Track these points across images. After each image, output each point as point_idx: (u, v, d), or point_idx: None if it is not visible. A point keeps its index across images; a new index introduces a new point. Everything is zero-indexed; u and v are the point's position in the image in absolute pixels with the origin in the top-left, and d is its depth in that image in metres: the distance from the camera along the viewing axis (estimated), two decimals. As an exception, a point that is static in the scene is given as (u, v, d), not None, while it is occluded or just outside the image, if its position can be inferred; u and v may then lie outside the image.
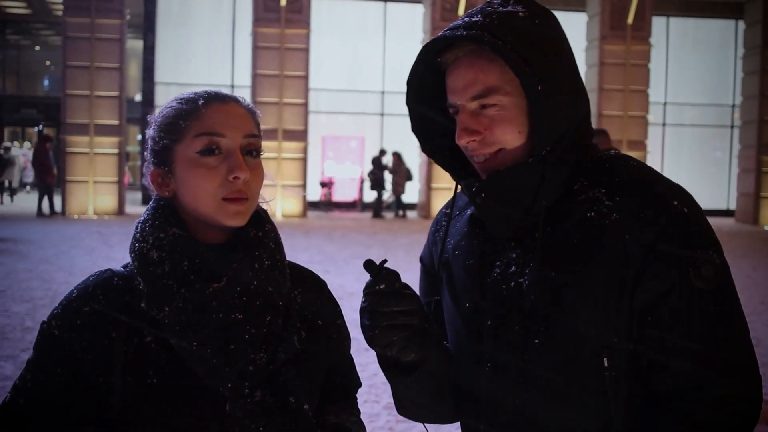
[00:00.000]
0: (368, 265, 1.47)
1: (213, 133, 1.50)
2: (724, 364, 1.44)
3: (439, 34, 1.56)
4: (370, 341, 1.51)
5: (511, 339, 1.53)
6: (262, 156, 1.57)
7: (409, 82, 1.63)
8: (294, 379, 1.52)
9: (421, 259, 1.84)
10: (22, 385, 1.51)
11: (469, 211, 1.68)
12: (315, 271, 1.76)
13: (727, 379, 1.43)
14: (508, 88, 1.51)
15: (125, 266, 1.57)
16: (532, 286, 1.50)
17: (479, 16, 1.53)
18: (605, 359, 1.47)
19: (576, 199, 1.52)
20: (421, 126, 1.67)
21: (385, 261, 1.51)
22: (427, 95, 1.64)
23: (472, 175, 1.62)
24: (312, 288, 1.68)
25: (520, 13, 1.52)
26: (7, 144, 29.35)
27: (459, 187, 1.65)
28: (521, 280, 1.52)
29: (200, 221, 1.53)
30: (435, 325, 1.66)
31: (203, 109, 1.52)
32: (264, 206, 1.63)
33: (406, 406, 1.71)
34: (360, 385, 1.78)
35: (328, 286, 1.73)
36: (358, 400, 1.77)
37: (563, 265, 1.49)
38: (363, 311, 1.50)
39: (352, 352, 1.78)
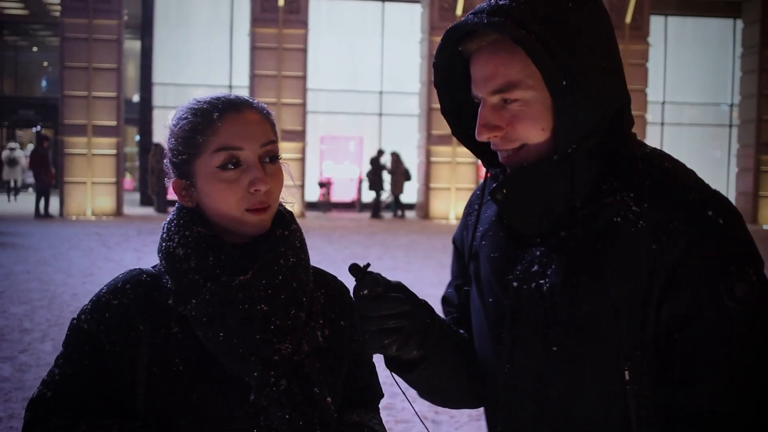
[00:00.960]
0: (353, 269, 1.44)
1: (231, 147, 1.51)
2: (750, 392, 1.35)
3: (462, 18, 1.46)
4: (364, 346, 1.48)
5: (530, 344, 1.47)
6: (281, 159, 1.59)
7: (435, 66, 1.54)
8: (317, 371, 1.54)
9: (454, 241, 1.75)
10: (50, 380, 1.55)
11: None
12: None
13: (752, 408, 1.35)
14: (530, 81, 1.40)
15: (154, 266, 1.61)
16: (552, 290, 1.44)
17: (505, 0, 1.41)
18: (626, 372, 1.39)
19: (603, 201, 1.43)
20: (450, 109, 1.57)
21: (368, 265, 1.46)
22: (457, 78, 1.55)
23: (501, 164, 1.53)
24: (335, 290, 1.71)
25: None
26: (12, 145, 29.51)
27: (487, 174, 1.58)
28: (542, 281, 1.45)
29: (222, 227, 1.56)
30: (448, 304, 1.63)
31: (219, 122, 1.53)
32: (288, 207, 1.65)
33: (423, 394, 1.67)
34: (382, 395, 1.78)
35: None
36: (380, 411, 1.77)
37: (586, 272, 1.41)
38: (355, 316, 1.47)
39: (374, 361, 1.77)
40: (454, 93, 1.56)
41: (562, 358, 1.44)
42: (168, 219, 1.60)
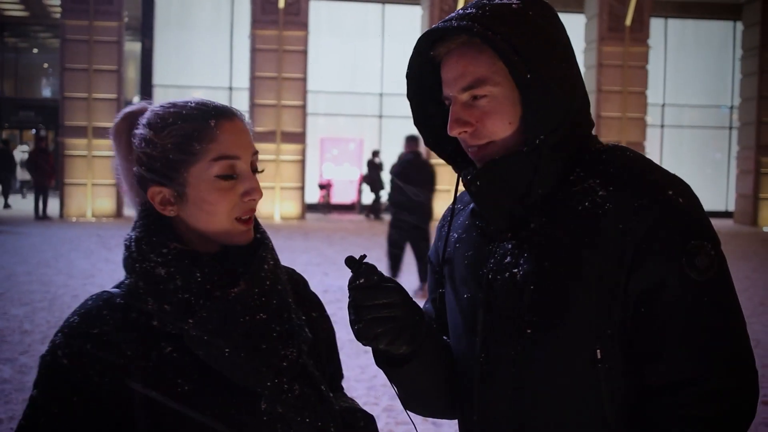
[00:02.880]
0: (349, 261, 1.49)
1: (230, 157, 1.51)
2: (718, 357, 1.43)
3: (432, 26, 1.58)
4: (357, 335, 1.50)
5: (505, 330, 1.54)
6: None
7: (408, 76, 1.64)
8: (315, 368, 1.56)
9: (429, 258, 1.84)
10: (33, 425, 1.43)
11: (472, 205, 1.70)
12: (315, 274, 1.78)
13: (721, 373, 1.43)
14: (498, 78, 1.52)
15: (118, 286, 1.54)
16: (525, 277, 1.51)
17: (472, 8, 1.54)
18: (598, 351, 1.47)
19: (571, 190, 1.53)
20: (422, 120, 1.68)
21: (364, 256, 1.51)
22: (428, 88, 1.66)
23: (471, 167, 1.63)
24: (298, 284, 1.71)
25: (513, 5, 1.53)
26: (24, 147, 29.63)
27: (461, 181, 1.66)
28: (515, 270, 1.53)
29: (200, 236, 1.53)
30: (428, 317, 1.66)
31: (216, 130, 1.51)
32: None
33: (409, 402, 1.71)
34: (343, 376, 1.81)
35: (329, 289, 1.75)
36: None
37: (557, 256, 1.49)
38: (348, 307, 1.51)
39: (352, 354, 1.78)
40: (425, 105, 1.67)
41: (537, 341, 1.51)
42: (133, 235, 1.52)
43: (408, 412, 1.74)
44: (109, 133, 1.64)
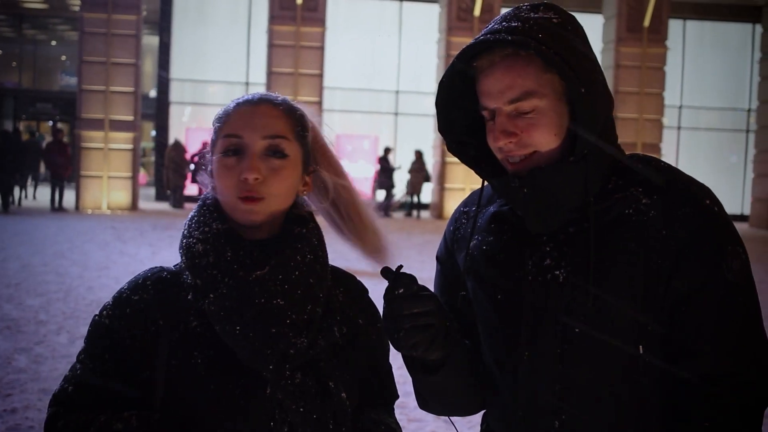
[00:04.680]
0: (385, 271, 1.52)
1: (232, 135, 1.58)
2: (750, 352, 1.56)
3: (477, 37, 1.60)
4: (396, 344, 1.54)
5: (549, 330, 1.60)
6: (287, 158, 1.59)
7: (441, 84, 1.67)
8: (333, 366, 1.58)
9: (438, 258, 1.88)
10: (72, 375, 1.59)
11: (492, 209, 1.73)
12: None
13: (753, 365, 1.56)
14: (544, 91, 1.56)
15: (176, 265, 1.65)
16: (569, 279, 1.59)
17: (516, 21, 1.57)
18: (641, 347, 1.57)
19: (612, 197, 1.60)
20: (447, 126, 1.72)
21: (401, 266, 1.55)
22: (455, 96, 1.69)
23: (497, 174, 1.67)
24: (353, 289, 1.73)
25: (554, 20, 1.58)
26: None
27: (484, 183, 1.72)
28: (557, 272, 1.60)
29: (232, 217, 1.60)
30: (455, 322, 1.69)
31: (232, 111, 1.61)
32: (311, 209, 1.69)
33: (429, 403, 1.76)
34: (397, 396, 1.81)
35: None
36: (395, 411, 1.80)
37: (602, 259, 1.57)
38: (385, 317, 1.54)
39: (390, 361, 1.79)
40: (450, 111, 1.70)
41: (584, 339, 1.58)
42: (189, 215, 1.64)
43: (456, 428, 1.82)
44: None
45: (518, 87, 1.56)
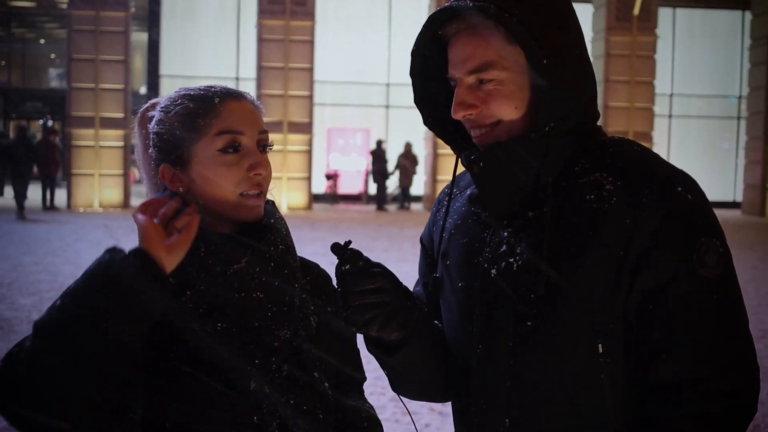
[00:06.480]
0: (335, 247, 1.49)
1: (233, 131, 1.55)
2: (725, 356, 1.41)
3: (445, 5, 1.53)
4: (347, 322, 1.51)
5: (502, 321, 1.50)
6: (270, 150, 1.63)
7: (413, 53, 1.61)
8: (314, 356, 1.57)
9: (421, 240, 1.82)
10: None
11: (469, 191, 1.66)
12: (321, 264, 1.79)
13: (728, 372, 1.41)
14: (506, 62, 1.48)
15: None
16: (523, 267, 1.48)
17: None
18: (600, 345, 1.44)
19: (576, 181, 1.49)
20: (423, 98, 1.65)
21: (349, 242, 1.51)
22: (431, 67, 1.62)
23: (473, 149, 1.59)
24: (320, 278, 1.72)
25: None
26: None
27: (460, 163, 1.62)
28: (511, 260, 1.50)
29: (213, 213, 1.56)
30: (419, 302, 1.63)
31: (220, 107, 1.56)
32: (269, 197, 1.67)
33: (397, 384, 1.70)
34: (365, 379, 1.80)
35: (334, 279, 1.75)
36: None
37: (558, 247, 1.46)
38: (337, 294, 1.51)
39: (358, 345, 1.78)
40: (427, 83, 1.63)
41: (536, 333, 1.47)
42: None
43: (412, 419, 1.70)
44: (135, 123, 1.71)
45: (479, 57, 1.48)
